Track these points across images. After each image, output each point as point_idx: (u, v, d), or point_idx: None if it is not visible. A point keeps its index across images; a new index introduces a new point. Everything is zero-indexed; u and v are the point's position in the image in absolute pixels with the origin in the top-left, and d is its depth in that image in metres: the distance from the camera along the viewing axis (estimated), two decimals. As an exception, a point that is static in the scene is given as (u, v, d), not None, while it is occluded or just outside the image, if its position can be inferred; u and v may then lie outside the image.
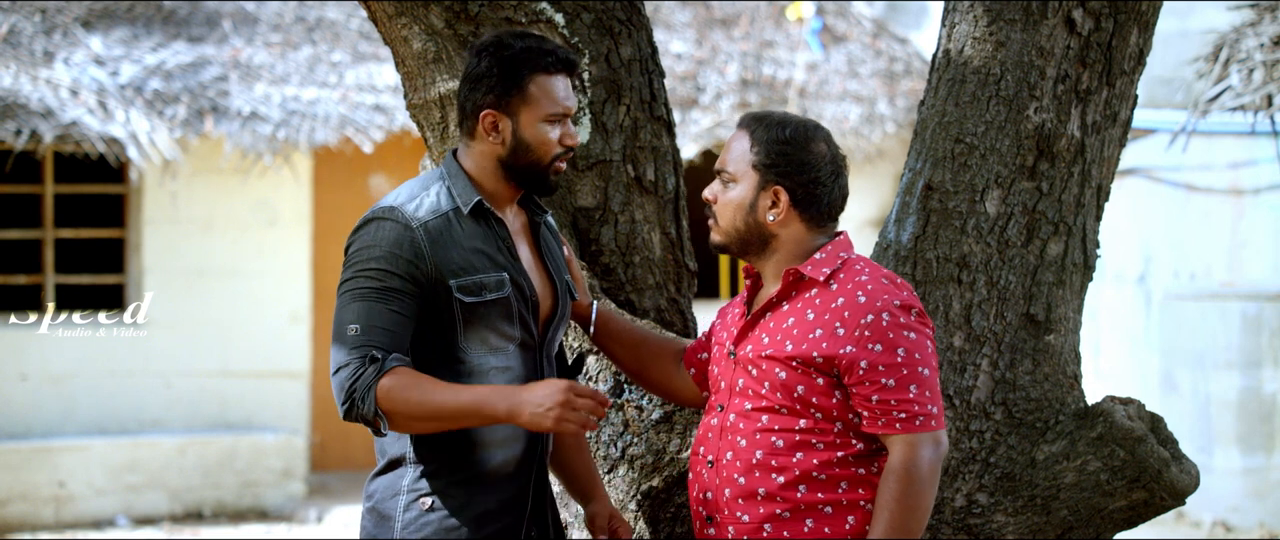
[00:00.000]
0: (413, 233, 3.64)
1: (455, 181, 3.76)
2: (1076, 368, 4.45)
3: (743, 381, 3.72)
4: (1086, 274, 4.49)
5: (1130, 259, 12.04)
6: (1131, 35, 4.42)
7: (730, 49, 13.96)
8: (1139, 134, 11.03)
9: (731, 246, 3.80)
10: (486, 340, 3.70)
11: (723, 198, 3.77)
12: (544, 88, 3.72)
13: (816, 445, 3.64)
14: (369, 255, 3.63)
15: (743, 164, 3.74)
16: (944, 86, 4.45)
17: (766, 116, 3.76)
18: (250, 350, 12.72)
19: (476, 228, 3.73)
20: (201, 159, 12.40)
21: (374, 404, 3.54)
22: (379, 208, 3.71)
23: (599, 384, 4.34)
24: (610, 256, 4.57)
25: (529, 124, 3.72)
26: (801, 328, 3.66)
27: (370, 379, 3.55)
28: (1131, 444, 4.20)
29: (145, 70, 12.10)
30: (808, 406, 3.64)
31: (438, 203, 3.71)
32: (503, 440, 3.74)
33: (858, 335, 3.60)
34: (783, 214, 3.72)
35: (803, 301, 3.70)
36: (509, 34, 3.77)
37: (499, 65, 3.70)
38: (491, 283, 3.69)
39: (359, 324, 3.59)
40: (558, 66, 3.73)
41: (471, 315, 3.67)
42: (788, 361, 3.64)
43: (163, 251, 12.57)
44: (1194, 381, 11.54)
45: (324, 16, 13.13)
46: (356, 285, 3.62)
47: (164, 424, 12.48)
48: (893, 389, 3.58)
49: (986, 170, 4.36)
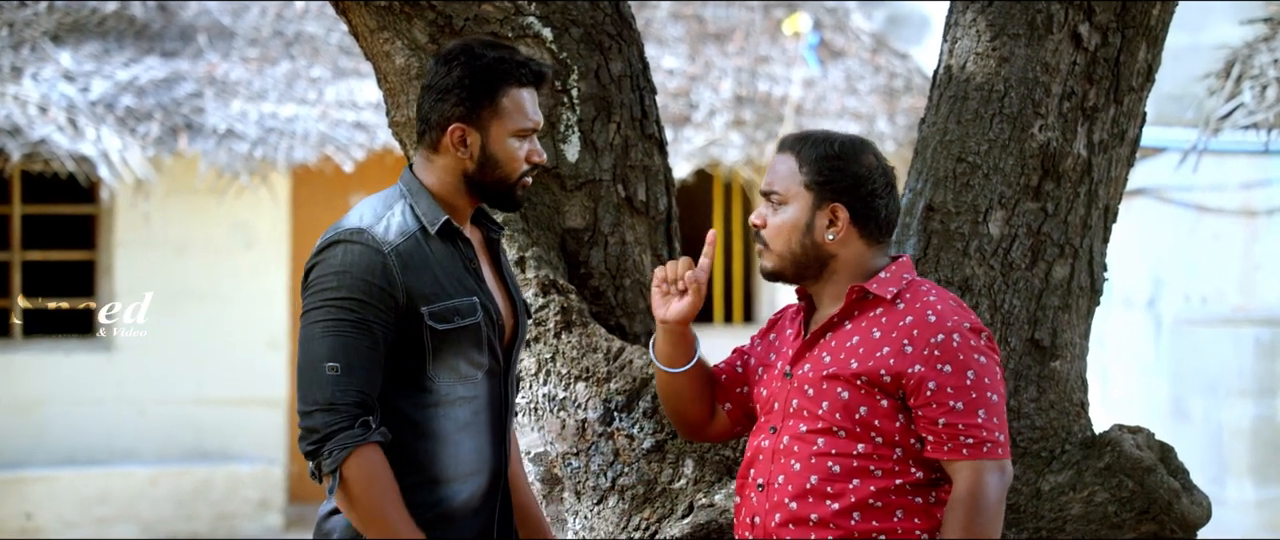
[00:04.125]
0: (385, 258, 3.56)
1: (418, 199, 3.67)
2: (1083, 395, 4.45)
3: (798, 402, 3.68)
4: (1093, 298, 4.49)
5: (1139, 282, 12.05)
6: (1140, 50, 4.43)
7: (724, 64, 13.98)
8: (1148, 153, 11.04)
9: (785, 272, 3.74)
10: (456, 368, 3.64)
11: (773, 221, 3.72)
12: (516, 101, 3.66)
13: (874, 472, 3.60)
14: (340, 282, 3.55)
15: (793, 184, 3.70)
16: (945, 103, 4.46)
17: (809, 135, 3.74)
18: (226, 377, 12.70)
19: (444, 248, 3.66)
20: (175, 178, 12.40)
21: (339, 464, 3.48)
22: (345, 229, 3.61)
23: (588, 411, 4.34)
24: (600, 279, 4.57)
25: (499, 138, 3.66)
26: (867, 346, 3.63)
27: (352, 442, 3.48)
28: (1141, 474, 4.20)
29: (117, 86, 12.10)
30: (868, 430, 3.60)
31: (405, 223, 3.63)
32: (467, 474, 3.68)
33: (927, 354, 3.57)
34: (842, 232, 3.68)
35: (867, 320, 3.66)
36: (478, 42, 3.71)
37: (470, 76, 3.64)
38: (464, 308, 3.63)
39: (339, 363, 3.51)
40: (530, 79, 3.68)
41: (442, 343, 3.61)
42: (852, 379, 3.61)
43: (135, 274, 12.56)
44: (1206, 409, 11.55)
45: (303, 31, 13.15)
46: (330, 316, 3.54)
47: (136, 453, 12.45)
48: (960, 413, 3.54)
49: (990, 190, 4.37)
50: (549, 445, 4.38)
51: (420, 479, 3.63)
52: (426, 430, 3.63)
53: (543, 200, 4.52)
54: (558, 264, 4.48)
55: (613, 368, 4.33)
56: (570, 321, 4.38)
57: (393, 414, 3.59)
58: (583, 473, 4.34)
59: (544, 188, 4.51)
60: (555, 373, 4.37)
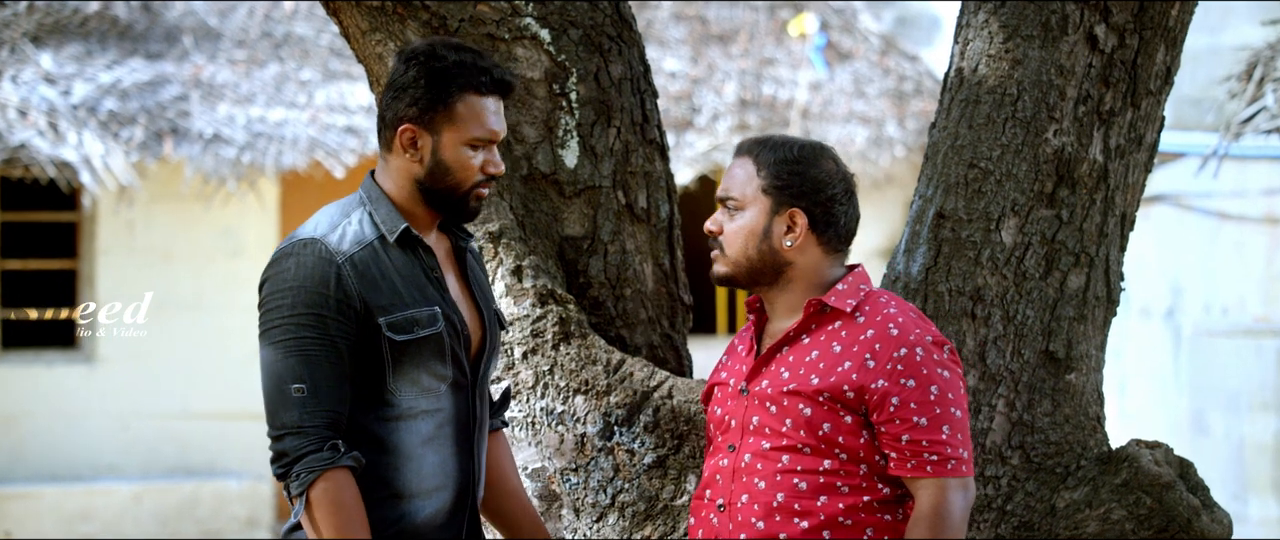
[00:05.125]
0: (339, 267, 3.56)
1: (377, 206, 3.67)
2: (1099, 409, 4.46)
3: (758, 419, 3.69)
4: (1110, 308, 4.50)
5: (1157, 292, 12.06)
6: (1158, 52, 4.44)
7: (728, 67, 13.99)
8: (1167, 158, 11.06)
9: (739, 278, 3.76)
10: (418, 381, 3.64)
11: (729, 227, 3.74)
12: (473, 108, 3.64)
13: (841, 488, 3.62)
14: (296, 299, 3.54)
15: (750, 188, 3.72)
16: (957, 107, 4.46)
17: (767, 139, 3.76)
18: (213, 390, 12.71)
19: (403, 257, 3.66)
20: (160, 185, 12.41)
21: (306, 486, 3.50)
22: (297, 240, 3.61)
23: (587, 425, 4.34)
24: (599, 289, 4.57)
25: (451, 145, 3.64)
26: (828, 361, 3.64)
27: (321, 464, 3.50)
28: (1159, 491, 4.20)
29: (99, 89, 12.11)
30: (833, 446, 3.62)
31: (361, 232, 3.63)
32: (431, 489, 3.68)
33: (890, 369, 3.58)
34: (800, 239, 3.70)
35: (826, 334, 3.68)
36: (443, 43, 3.69)
37: (426, 77, 3.62)
38: (423, 318, 3.62)
39: (305, 384, 3.51)
40: (491, 88, 3.65)
41: (402, 355, 3.61)
42: (814, 396, 3.62)
43: (118, 284, 12.57)
44: (1227, 424, 11.55)
45: (292, 32, 13.16)
46: (289, 334, 3.54)
47: (119, 469, 12.46)
48: (924, 429, 3.56)
49: (1002, 197, 4.37)
50: (547, 460, 4.39)
51: (383, 494, 3.64)
52: (388, 444, 3.64)
53: (540, 207, 4.53)
54: (556, 273, 4.49)
55: (613, 380, 4.34)
56: (569, 333, 4.38)
57: (354, 427, 3.60)
58: (582, 489, 4.35)
59: (542, 194, 4.52)
60: (553, 385, 4.37)
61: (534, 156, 4.52)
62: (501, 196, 4.45)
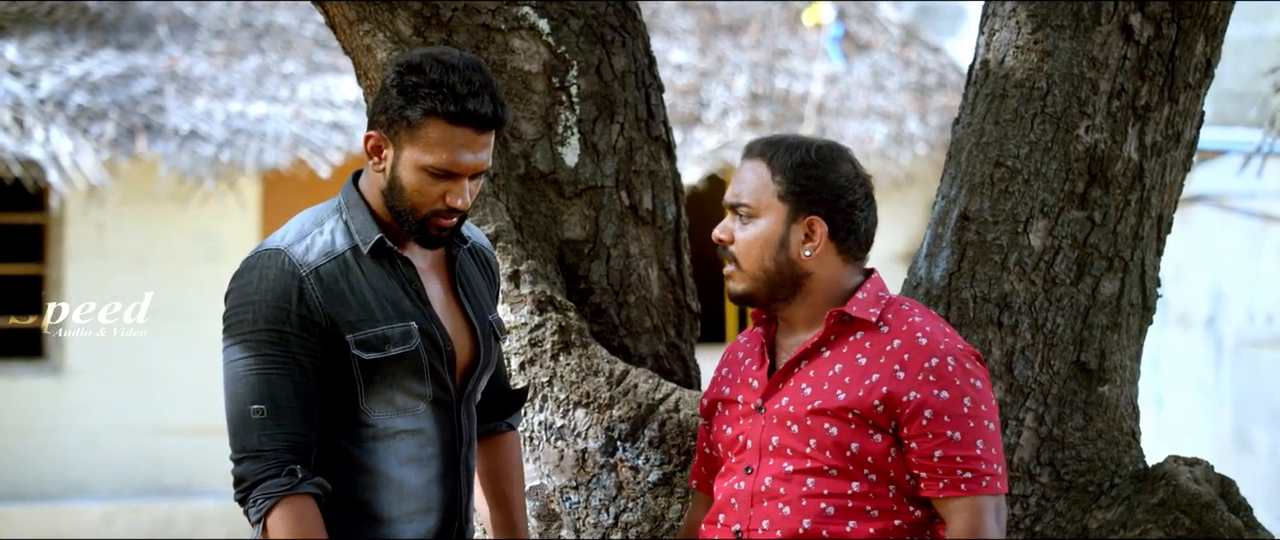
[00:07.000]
0: (302, 280, 3.55)
1: (354, 214, 3.65)
2: (1134, 423, 4.46)
3: (779, 439, 3.65)
4: (1146, 316, 4.50)
5: (1197, 299, 12.06)
6: (1197, 43, 4.44)
7: (738, 59, 14.01)
8: (1207, 156, 11.07)
9: (759, 295, 3.72)
10: (392, 400, 3.62)
11: (742, 236, 3.69)
12: (441, 136, 3.54)
13: (871, 512, 3.60)
14: (257, 314, 3.53)
15: (764, 195, 3.67)
16: (982, 102, 4.47)
17: (780, 140, 3.72)
18: (189, 404, 12.71)
19: (378, 269, 3.63)
20: (133, 184, 12.43)
21: (263, 513, 3.50)
22: (263, 250, 3.60)
23: (588, 440, 4.35)
24: (602, 296, 4.58)
25: (407, 165, 3.57)
26: (854, 374, 3.62)
27: (278, 490, 3.49)
28: (1199, 511, 4.21)
29: (68, 82, 12.13)
30: (862, 467, 3.60)
31: (332, 242, 3.61)
32: (413, 513, 3.68)
33: (922, 379, 3.57)
34: (819, 248, 3.67)
35: (848, 346, 3.66)
36: (437, 57, 3.60)
37: (399, 88, 3.56)
38: (396, 335, 3.60)
39: (264, 406, 3.51)
40: (463, 119, 3.54)
41: (373, 373, 3.59)
42: (840, 413, 3.60)
43: (88, 289, 12.57)
44: (1272, 439, 11.55)
45: (274, 22, 13.18)
46: (250, 351, 3.53)
47: (89, 488, 12.47)
48: (958, 444, 3.55)
49: (1031, 198, 4.38)
50: (546, 478, 4.40)
51: (361, 515, 3.64)
52: (365, 465, 3.63)
53: (539, 208, 4.54)
54: (555, 278, 4.49)
55: (615, 393, 4.35)
56: (569, 342, 4.39)
57: (330, 447, 3.60)
58: (583, 508, 4.36)
59: (540, 195, 4.53)
60: (553, 398, 4.38)
61: (532, 154, 4.53)
62: (498, 197, 4.46)
